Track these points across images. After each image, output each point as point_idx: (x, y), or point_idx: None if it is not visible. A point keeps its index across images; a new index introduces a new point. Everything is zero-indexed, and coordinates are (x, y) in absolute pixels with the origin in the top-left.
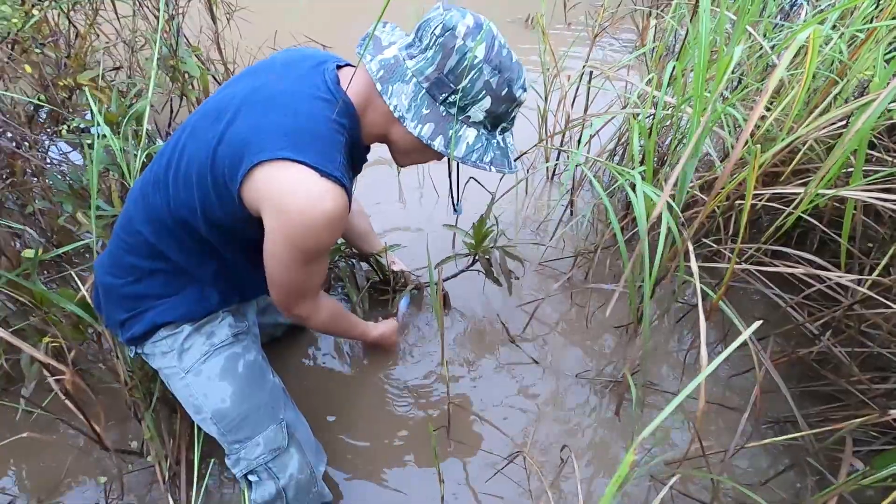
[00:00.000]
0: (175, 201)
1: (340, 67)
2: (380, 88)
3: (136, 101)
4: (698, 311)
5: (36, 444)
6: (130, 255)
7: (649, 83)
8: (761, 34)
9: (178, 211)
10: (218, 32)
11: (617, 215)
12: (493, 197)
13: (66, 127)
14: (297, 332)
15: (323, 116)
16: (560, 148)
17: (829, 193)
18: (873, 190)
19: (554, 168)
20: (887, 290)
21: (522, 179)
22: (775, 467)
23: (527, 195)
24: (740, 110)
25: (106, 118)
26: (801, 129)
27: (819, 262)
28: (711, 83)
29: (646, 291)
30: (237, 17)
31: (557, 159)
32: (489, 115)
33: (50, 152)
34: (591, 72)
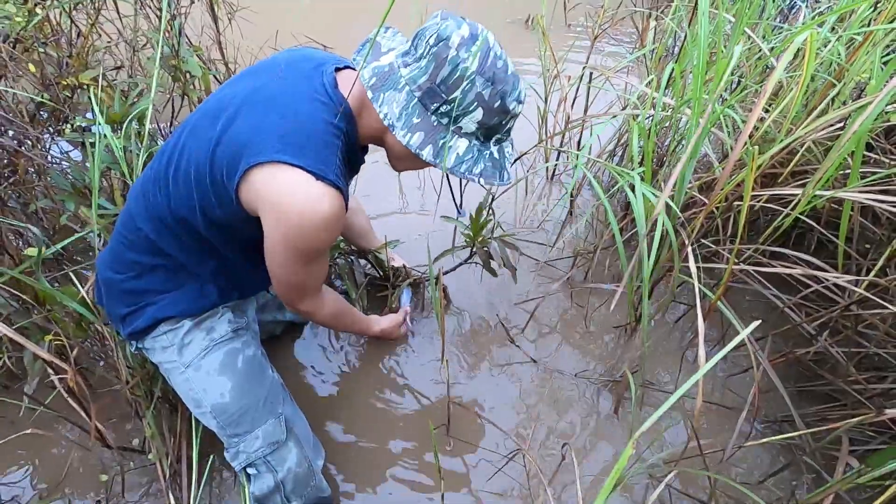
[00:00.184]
0: (175, 200)
1: (340, 69)
2: (370, 96)
3: (137, 101)
4: (697, 311)
5: (38, 441)
6: (131, 251)
7: (648, 85)
8: (760, 36)
9: (177, 209)
10: (220, 32)
11: (616, 216)
12: (493, 196)
13: (69, 126)
14: (295, 329)
15: (320, 119)
16: (560, 149)
17: (826, 195)
18: (870, 191)
19: (554, 168)
20: (884, 290)
21: (522, 179)
22: (772, 466)
23: (526, 195)
24: (739, 112)
25: (109, 118)
26: (799, 130)
27: (817, 262)
28: (710, 85)
29: (644, 291)
30: (238, 17)
31: (557, 160)
32: (481, 126)
33: (51, 151)
34: (591, 73)
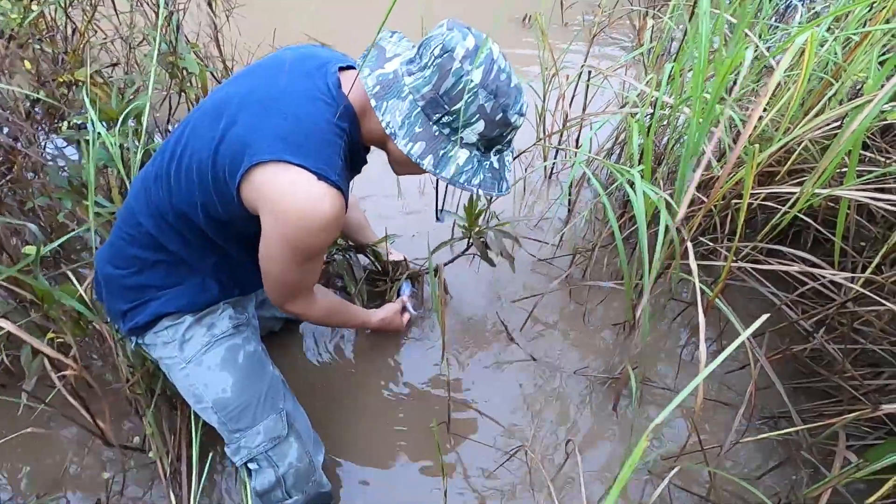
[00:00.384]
0: (176, 196)
1: (344, 69)
2: (374, 104)
3: (134, 98)
4: (697, 308)
5: (37, 439)
6: (132, 246)
7: (648, 83)
8: (756, 35)
9: (179, 205)
10: (217, 29)
11: (614, 214)
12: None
13: (66, 123)
14: (294, 325)
15: (323, 119)
16: (558, 146)
17: (824, 193)
18: (867, 189)
19: (552, 167)
20: (879, 287)
21: (520, 179)
22: (767, 462)
23: (524, 194)
24: (736, 111)
25: (106, 115)
26: (797, 129)
27: (814, 260)
28: (708, 83)
29: (646, 287)
30: (236, 13)
31: (555, 158)
32: (482, 137)
33: (46, 148)
34: (590, 71)
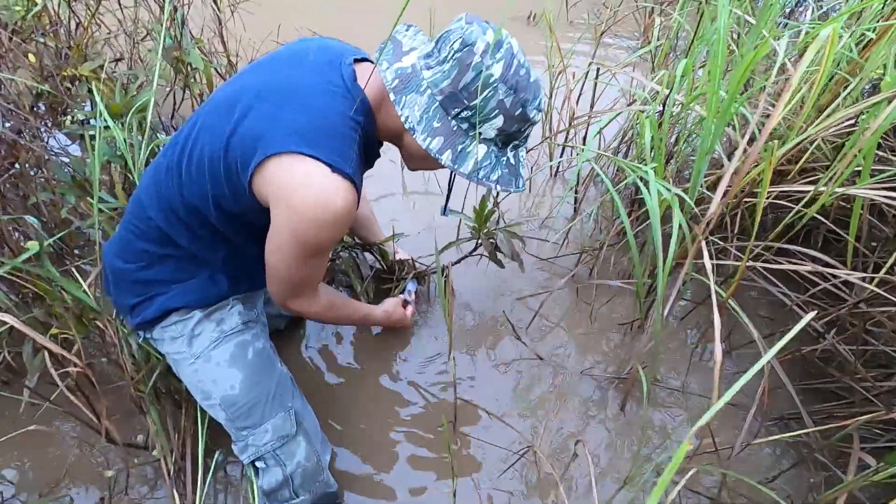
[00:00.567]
0: (187, 189)
1: (358, 61)
2: (393, 98)
3: (138, 93)
4: (708, 308)
5: (40, 437)
6: (141, 240)
7: (659, 80)
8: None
9: (189, 198)
10: (222, 25)
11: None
12: (497, 192)
13: (70, 118)
14: (300, 324)
15: (337, 112)
16: (565, 144)
17: (839, 192)
18: (881, 189)
19: (558, 165)
20: (893, 287)
21: (528, 178)
22: (779, 464)
23: (531, 192)
24: (748, 108)
25: (110, 110)
26: (811, 128)
27: (826, 259)
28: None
29: (660, 285)
30: (241, 9)
31: (562, 156)
32: (501, 133)
33: (49, 143)
34: (599, 69)
